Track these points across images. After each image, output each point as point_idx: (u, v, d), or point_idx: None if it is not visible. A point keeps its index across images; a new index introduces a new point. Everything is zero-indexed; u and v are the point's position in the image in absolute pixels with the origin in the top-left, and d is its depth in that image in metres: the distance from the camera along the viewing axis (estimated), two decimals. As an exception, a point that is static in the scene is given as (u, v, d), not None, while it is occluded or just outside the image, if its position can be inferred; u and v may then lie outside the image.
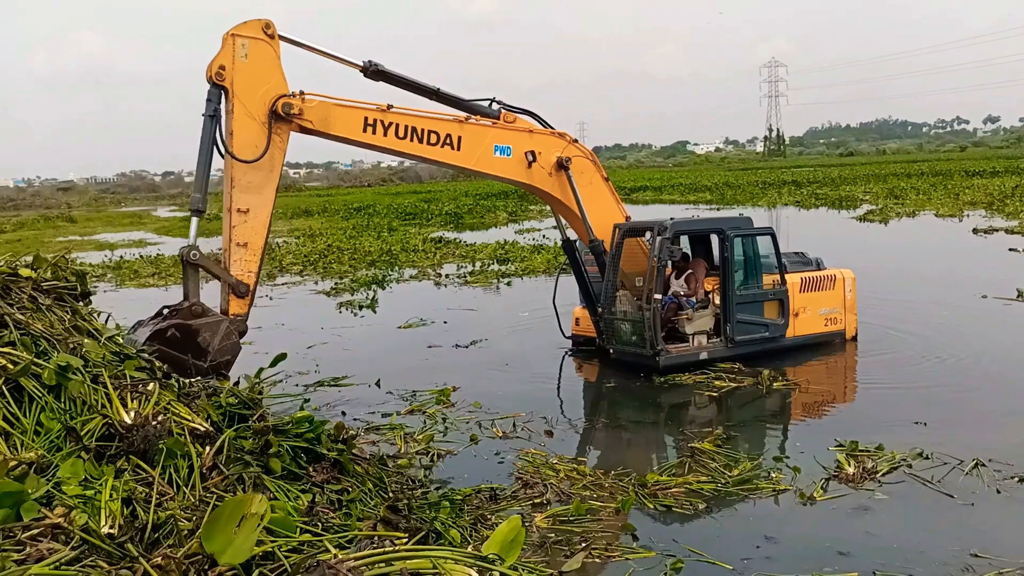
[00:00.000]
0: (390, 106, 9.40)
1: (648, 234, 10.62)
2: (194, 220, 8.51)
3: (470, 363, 11.93)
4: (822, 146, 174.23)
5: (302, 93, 8.83)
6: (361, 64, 9.46)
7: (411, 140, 9.47)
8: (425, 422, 8.98)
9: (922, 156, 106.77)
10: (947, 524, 6.09)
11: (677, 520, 6.36)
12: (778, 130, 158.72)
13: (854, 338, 12.02)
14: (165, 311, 8.28)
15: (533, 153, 10.25)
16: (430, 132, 9.57)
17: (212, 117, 8.43)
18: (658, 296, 10.32)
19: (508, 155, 10.14)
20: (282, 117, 8.64)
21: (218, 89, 8.48)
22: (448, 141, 9.67)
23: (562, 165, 10.48)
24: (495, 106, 10.26)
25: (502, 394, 10.04)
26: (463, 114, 10.01)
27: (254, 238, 8.60)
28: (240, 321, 8.55)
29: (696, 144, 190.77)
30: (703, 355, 10.81)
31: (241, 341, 8.44)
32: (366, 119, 9.24)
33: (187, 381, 5.67)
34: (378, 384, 10.48)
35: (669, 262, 10.64)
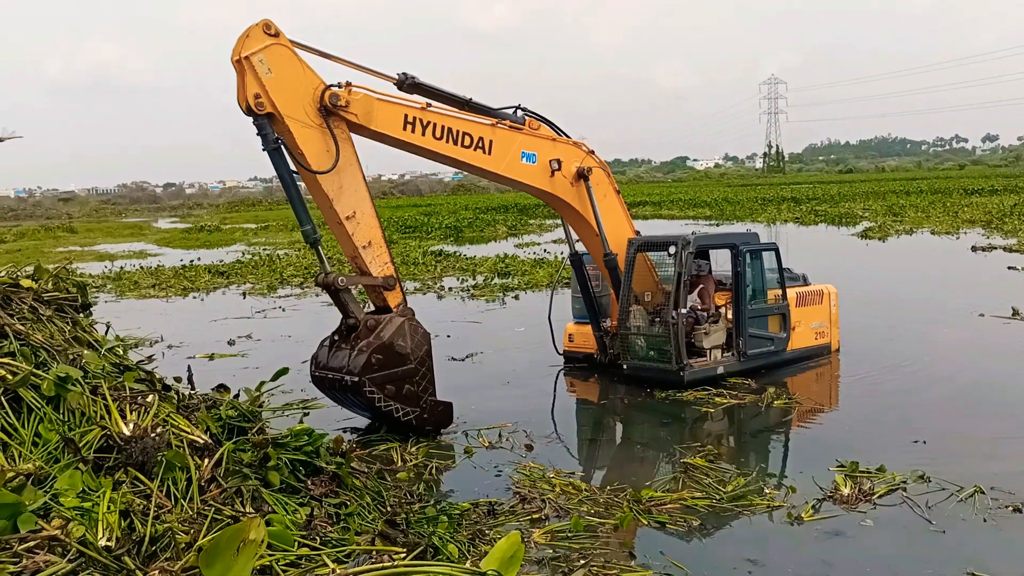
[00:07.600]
0: (429, 104, 9.43)
1: (672, 248, 10.61)
2: (318, 249, 8.70)
3: (464, 378, 11.83)
4: (821, 163, 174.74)
5: (348, 84, 8.63)
6: (396, 77, 9.41)
7: (446, 141, 9.48)
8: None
9: (921, 174, 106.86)
10: (934, 549, 6.03)
11: (669, 537, 6.33)
12: (777, 146, 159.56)
13: (837, 351, 12.34)
14: (336, 338, 8.83)
15: (558, 162, 10.37)
16: (464, 134, 9.62)
17: (276, 150, 8.25)
18: (683, 310, 10.33)
19: (534, 162, 10.24)
20: (331, 110, 8.47)
21: (262, 118, 8.17)
22: (480, 145, 9.74)
23: (582, 175, 10.59)
24: (519, 113, 10.36)
25: (492, 409, 9.93)
26: (494, 119, 10.07)
27: (374, 233, 8.84)
28: (408, 309, 8.98)
29: (695, 160, 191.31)
30: (720, 369, 10.86)
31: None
32: (406, 116, 9.19)
33: (186, 393, 5.66)
34: None
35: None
